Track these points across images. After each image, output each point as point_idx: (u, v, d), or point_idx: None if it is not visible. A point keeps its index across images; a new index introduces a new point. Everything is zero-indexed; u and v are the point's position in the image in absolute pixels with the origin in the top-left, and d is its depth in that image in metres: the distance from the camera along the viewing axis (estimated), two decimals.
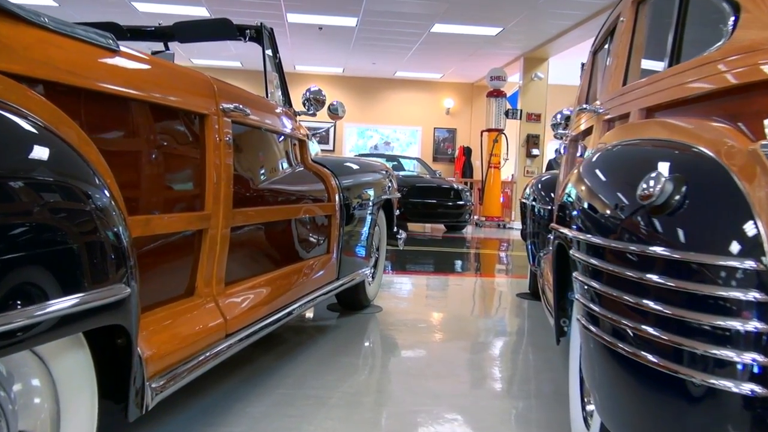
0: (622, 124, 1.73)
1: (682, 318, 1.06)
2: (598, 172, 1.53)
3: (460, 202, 9.50)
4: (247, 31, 2.59)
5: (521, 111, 11.34)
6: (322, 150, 11.03)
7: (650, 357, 1.14)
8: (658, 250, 1.12)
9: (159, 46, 2.84)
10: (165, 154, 1.60)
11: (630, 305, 1.18)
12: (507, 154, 11.32)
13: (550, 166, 11.98)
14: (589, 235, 1.34)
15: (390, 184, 3.91)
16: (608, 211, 1.30)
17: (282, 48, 12.67)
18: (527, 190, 4.48)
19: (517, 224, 11.45)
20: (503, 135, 11.32)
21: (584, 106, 1.99)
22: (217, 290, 1.80)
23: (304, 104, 2.90)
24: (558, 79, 12.02)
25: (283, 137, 2.48)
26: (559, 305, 2.05)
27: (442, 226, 10.20)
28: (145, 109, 1.51)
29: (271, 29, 2.62)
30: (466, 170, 14.66)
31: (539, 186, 4.22)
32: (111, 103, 1.40)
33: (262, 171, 2.21)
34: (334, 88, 14.60)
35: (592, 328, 1.29)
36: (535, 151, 11.40)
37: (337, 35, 10.57)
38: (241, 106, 1.88)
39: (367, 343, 3.03)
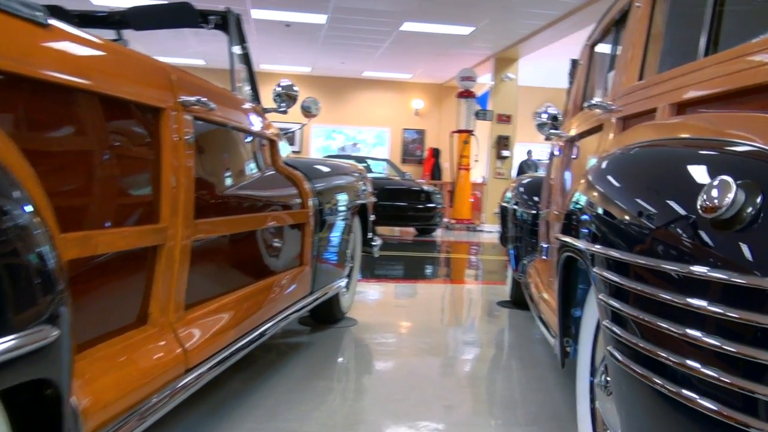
0: (645, 121, 1.52)
1: (758, 360, 0.85)
2: (628, 176, 1.31)
3: (431, 205, 9.30)
4: (211, 17, 2.31)
5: (492, 112, 11.22)
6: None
7: (712, 405, 0.92)
8: (727, 275, 0.90)
9: (111, 35, 2.54)
10: (110, 156, 1.32)
11: (685, 339, 0.96)
12: (477, 155, 11.18)
13: (521, 168, 11.90)
14: (627, 254, 1.12)
15: (365, 188, 3.67)
16: (654, 225, 1.08)
17: None
18: (508, 194, 4.29)
19: (488, 227, 11.34)
20: (473, 136, 11.18)
21: (593, 101, 1.78)
22: (175, 317, 1.52)
23: (274, 100, 2.63)
24: (528, 81, 11.94)
25: (251, 137, 2.21)
26: (563, 323, 1.83)
27: (412, 230, 9.99)
28: (84, 100, 1.23)
29: (239, 15, 2.34)
30: (436, 172, 14.51)
31: (521, 189, 4.03)
32: (38, 92, 1.11)
33: (229, 175, 1.93)
34: (301, 88, 14.18)
35: (635, 367, 1.06)
36: (505, 153, 11.30)
37: (305, 33, 10.26)
38: (204, 100, 1.61)
39: (343, 363, 2.78)
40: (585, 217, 1.46)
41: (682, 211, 1.01)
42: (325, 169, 3.14)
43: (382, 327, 3.44)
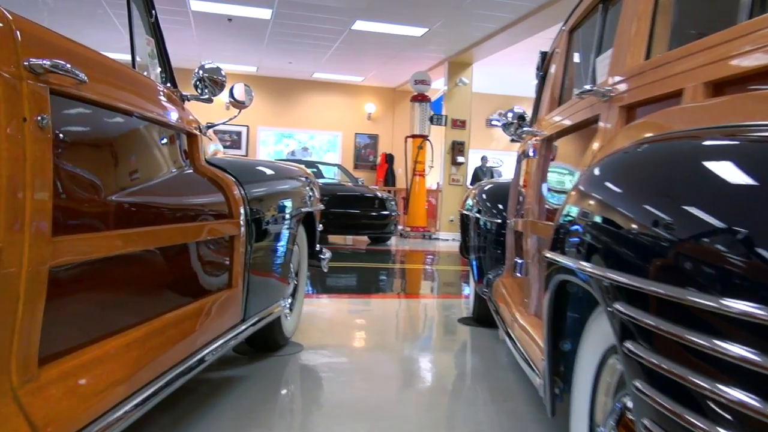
0: (661, 107, 1.14)
1: None
2: (662, 177, 0.92)
3: (385, 212, 8.90)
4: None
5: (446, 117, 10.93)
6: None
7: None
8: None
9: None
10: None
11: None
12: (432, 161, 10.87)
13: (476, 174, 11.65)
14: (684, 291, 0.72)
15: (312, 194, 3.23)
16: (728, 247, 0.68)
17: (186, 41, 11.59)
18: (469, 201, 3.92)
19: (444, 234, 11.02)
20: (428, 141, 10.86)
21: (586, 88, 1.39)
22: (19, 379, 1.04)
23: (195, 86, 2.16)
24: (480, 87, 11.71)
25: (157, 127, 1.74)
26: (552, 361, 1.43)
27: (365, 238, 9.56)
28: None
29: None
30: (389, 178, 14.15)
31: (484, 196, 3.67)
32: None
33: (117, 175, 1.45)
34: None
35: None
36: (460, 159, 11.02)
37: (249, 28, 9.72)
38: (68, 67, 1.14)
39: (284, 401, 2.32)
40: (587, 231, 1.06)
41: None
42: (264, 171, 2.68)
43: (332, 353, 2.99)
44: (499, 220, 3.30)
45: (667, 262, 0.75)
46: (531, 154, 2.10)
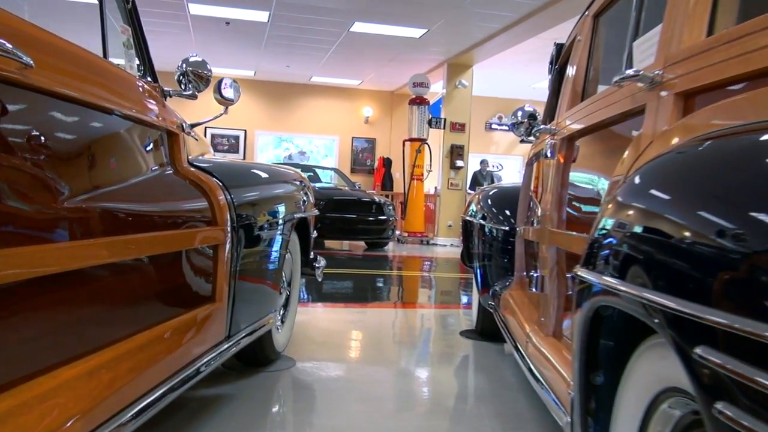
0: (731, 95, 0.94)
1: None
2: (744, 180, 0.73)
3: (383, 217, 8.71)
4: None
5: (445, 120, 10.75)
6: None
7: None
8: None
9: None
10: None
11: None
12: (430, 165, 10.68)
13: (475, 178, 11.46)
14: None
15: (306, 198, 3.03)
16: None
17: (184, 45, 11.43)
18: (473, 207, 3.73)
19: (442, 240, 10.83)
20: (426, 145, 10.67)
21: (628, 73, 1.19)
22: None
23: (178, 81, 1.97)
24: (478, 90, 11.52)
25: (130, 123, 1.54)
26: (585, 396, 1.23)
27: (362, 243, 9.36)
28: None
29: None
30: (386, 182, 13.95)
31: (489, 202, 3.47)
32: None
33: (75, 177, 1.25)
34: (244, 93, 13.44)
35: None
36: (459, 163, 10.83)
37: (247, 32, 9.54)
38: (9, 47, 0.94)
39: (276, 428, 2.12)
40: (642, 248, 0.87)
41: None
42: (253, 174, 2.49)
43: (326, 368, 2.79)
44: (507, 228, 3.11)
45: None
46: (549, 155, 1.91)
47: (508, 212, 3.23)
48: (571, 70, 1.95)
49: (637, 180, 1.04)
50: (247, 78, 13.35)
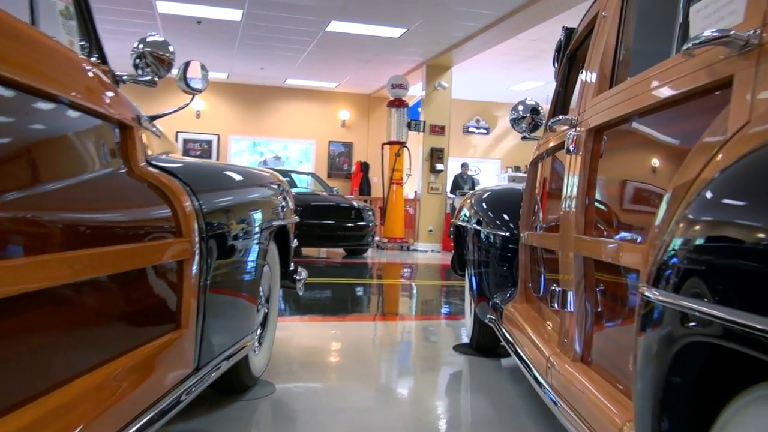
0: None
1: None
2: None
3: (362, 223, 8.41)
4: None
5: (424, 123, 10.51)
6: None
7: None
8: None
9: None
10: None
11: None
12: (410, 169, 10.42)
13: (456, 182, 11.24)
14: None
15: (285, 204, 2.74)
16: None
17: None
18: (465, 211, 3.46)
19: (422, 246, 10.57)
20: (406, 148, 10.42)
21: (712, 33, 0.91)
22: None
23: (135, 65, 1.66)
24: (457, 93, 11.31)
25: (72, 112, 1.22)
26: None
27: (341, 250, 9.04)
28: None
29: None
30: (364, 187, 13.68)
31: (484, 206, 3.21)
32: None
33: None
34: (217, 97, 13.10)
35: None
36: (439, 166, 10.60)
37: (219, 31, 9.18)
38: None
39: None
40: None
41: None
42: (226, 177, 2.17)
43: (310, 394, 2.49)
44: (506, 233, 2.84)
45: None
46: (571, 149, 1.64)
47: (506, 216, 2.97)
48: (594, 53, 1.69)
49: (740, 171, 0.77)
50: (221, 81, 12.97)
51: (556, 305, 1.68)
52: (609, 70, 1.59)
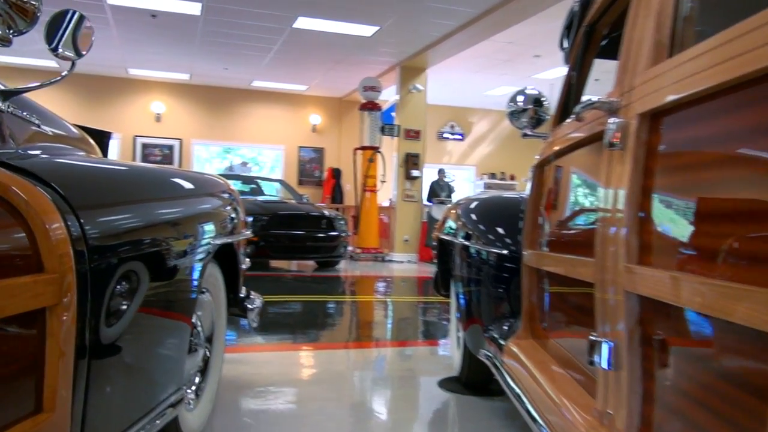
0: None
1: None
2: None
3: (334, 233, 7.87)
4: None
5: (399, 127, 10.02)
6: None
7: None
8: None
9: None
10: None
11: None
12: (384, 175, 9.91)
13: (433, 189, 10.77)
14: None
15: (234, 216, 2.22)
16: None
17: (105, 42, 10.25)
18: (450, 223, 2.96)
19: (398, 256, 10.08)
20: (379, 154, 9.92)
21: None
22: None
23: None
24: (431, 99, 10.84)
25: None
26: None
27: (311, 263, 8.48)
28: None
29: None
30: (336, 194, 13.14)
31: (474, 216, 2.71)
32: None
33: None
34: (179, 99, 12.44)
35: None
36: (415, 173, 10.12)
37: (177, 27, 8.57)
38: None
39: None
40: None
41: None
42: (133, 184, 1.61)
43: None
44: (503, 251, 2.34)
45: None
46: (611, 143, 1.16)
47: (500, 230, 2.48)
48: (641, 10, 1.20)
49: None
50: (182, 82, 12.32)
51: (597, 361, 1.18)
52: (668, 33, 1.11)
